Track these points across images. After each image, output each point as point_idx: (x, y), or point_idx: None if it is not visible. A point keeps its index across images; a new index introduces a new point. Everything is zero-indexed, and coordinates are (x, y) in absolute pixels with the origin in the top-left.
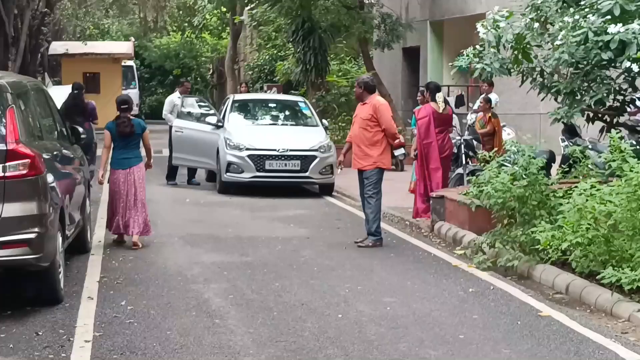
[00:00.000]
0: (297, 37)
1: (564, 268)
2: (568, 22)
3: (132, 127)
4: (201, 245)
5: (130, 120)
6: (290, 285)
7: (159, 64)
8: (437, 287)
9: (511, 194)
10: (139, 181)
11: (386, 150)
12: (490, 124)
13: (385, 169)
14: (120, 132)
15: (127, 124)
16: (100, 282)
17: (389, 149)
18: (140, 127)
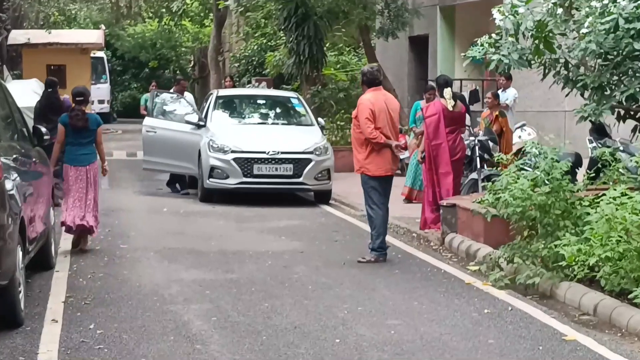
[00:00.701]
0: (290, 25)
1: (592, 286)
2: (596, 7)
3: (85, 121)
4: (180, 261)
5: (85, 113)
6: (282, 306)
7: (133, 55)
8: (447, 308)
9: (532, 202)
10: (93, 179)
11: (374, 153)
12: (497, 123)
13: (375, 177)
14: (73, 126)
15: (80, 117)
16: (66, 302)
17: (380, 153)
18: (96, 122)
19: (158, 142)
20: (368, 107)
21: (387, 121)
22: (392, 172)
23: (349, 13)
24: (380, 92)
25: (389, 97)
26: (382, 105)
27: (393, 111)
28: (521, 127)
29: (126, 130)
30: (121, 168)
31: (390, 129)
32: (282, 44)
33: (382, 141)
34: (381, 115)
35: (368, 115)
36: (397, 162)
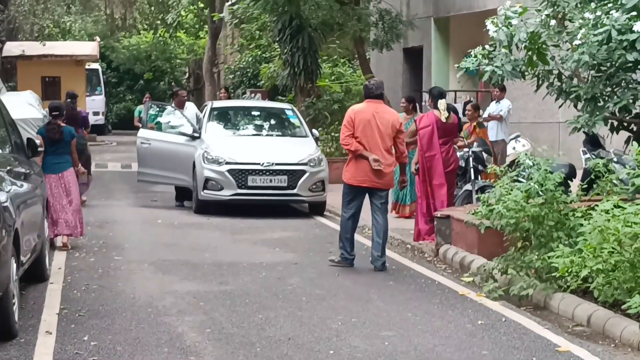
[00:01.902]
0: (284, 37)
1: (585, 297)
2: (589, 19)
3: (61, 133)
4: (175, 273)
5: (60, 126)
6: (276, 318)
7: (128, 66)
8: (441, 319)
9: (525, 213)
10: (69, 185)
11: (352, 162)
12: (474, 134)
13: (348, 184)
14: (49, 137)
15: (56, 130)
16: (60, 314)
17: (357, 162)
18: (70, 134)
19: (152, 154)
20: (350, 115)
21: (373, 133)
22: (368, 184)
23: (344, 25)
24: (373, 104)
25: (383, 112)
26: (368, 117)
27: (383, 126)
28: (515, 139)
29: (121, 142)
30: (116, 180)
31: (376, 143)
32: (277, 55)
33: (353, 149)
34: (362, 126)
35: (346, 123)
36: (380, 176)
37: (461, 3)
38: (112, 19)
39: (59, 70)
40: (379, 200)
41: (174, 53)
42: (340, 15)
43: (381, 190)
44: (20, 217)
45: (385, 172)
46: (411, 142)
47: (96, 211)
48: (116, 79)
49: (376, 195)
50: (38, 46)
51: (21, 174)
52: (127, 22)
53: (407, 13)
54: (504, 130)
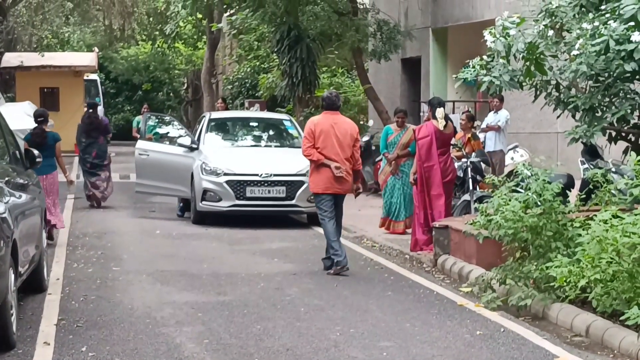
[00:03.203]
0: (283, 47)
1: (584, 307)
2: (586, 30)
3: (44, 137)
4: (173, 283)
5: (44, 131)
6: (274, 328)
7: (127, 77)
8: (440, 330)
9: (523, 223)
10: (51, 186)
11: (315, 171)
12: (469, 145)
13: (314, 192)
14: (34, 142)
15: (40, 135)
16: (58, 325)
17: (319, 171)
18: (53, 139)
19: (151, 165)
20: (310, 127)
21: (333, 143)
22: (332, 190)
23: (342, 35)
24: (331, 115)
25: (341, 122)
26: (327, 127)
27: (342, 135)
28: (513, 149)
29: (119, 153)
30: (114, 190)
31: (336, 152)
32: (275, 66)
33: (315, 159)
34: (323, 136)
35: (307, 135)
36: (341, 183)
37: (459, 13)
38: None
39: (58, 81)
40: (339, 206)
41: (173, 64)
42: (339, 26)
43: (343, 195)
44: (18, 227)
45: (346, 179)
46: (403, 154)
47: (94, 222)
48: (115, 90)
49: (336, 200)
50: (37, 57)
51: (19, 185)
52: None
53: (405, 24)
54: (502, 141)
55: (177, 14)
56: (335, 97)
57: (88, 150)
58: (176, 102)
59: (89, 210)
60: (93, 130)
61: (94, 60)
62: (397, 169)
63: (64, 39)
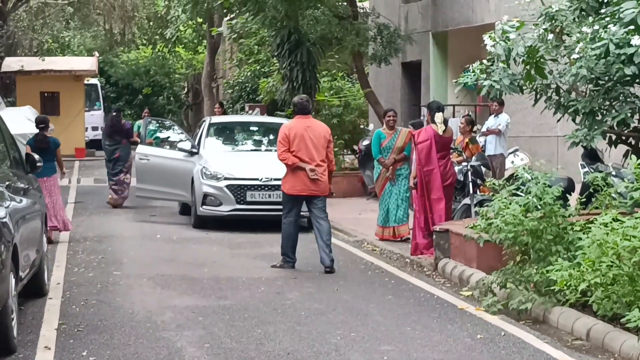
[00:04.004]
0: (283, 51)
1: (585, 311)
2: (586, 33)
3: (47, 143)
4: (173, 287)
5: (46, 137)
6: (275, 332)
7: (127, 81)
8: (440, 334)
9: (524, 227)
10: (52, 188)
11: (290, 174)
12: (467, 150)
13: (288, 194)
14: (37, 147)
15: (42, 140)
16: (59, 329)
17: (294, 174)
18: (54, 144)
19: (151, 170)
20: (284, 131)
21: (307, 147)
22: (307, 192)
23: (342, 39)
24: (304, 119)
25: (314, 126)
26: (301, 131)
27: (315, 138)
28: (514, 153)
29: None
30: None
31: (311, 154)
32: (276, 70)
33: (291, 163)
34: (297, 140)
35: (282, 139)
36: (317, 184)
37: (459, 17)
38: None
39: (58, 86)
40: (318, 206)
41: (173, 68)
42: (339, 30)
43: (318, 197)
44: (19, 232)
45: (321, 180)
46: (400, 158)
47: (95, 226)
48: (115, 94)
49: (313, 202)
50: (37, 61)
51: (20, 189)
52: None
53: (406, 28)
54: (502, 144)
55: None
56: (307, 102)
57: (112, 153)
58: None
59: (89, 215)
60: (115, 133)
61: (94, 65)
62: (394, 174)
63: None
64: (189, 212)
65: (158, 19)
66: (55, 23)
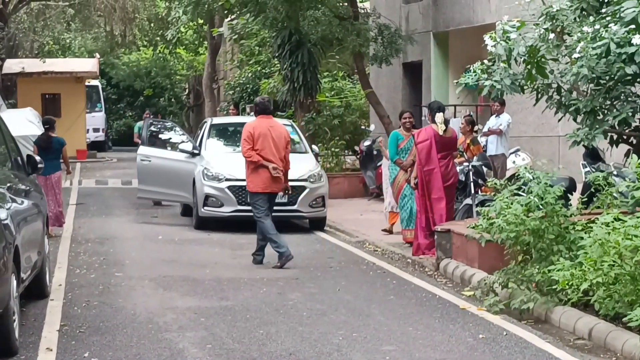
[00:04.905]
0: (284, 52)
1: (587, 310)
2: (587, 33)
3: (50, 142)
4: (175, 289)
5: (50, 137)
6: (277, 333)
7: (128, 83)
8: (442, 333)
9: (525, 227)
10: (55, 185)
11: (253, 172)
12: (468, 151)
13: (251, 192)
14: (40, 146)
15: (46, 140)
16: (61, 331)
17: (257, 172)
18: (59, 143)
19: (152, 171)
20: (248, 130)
21: (270, 146)
22: (271, 190)
23: (343, 40)
24: (266, 119)
25: (276, 126)
26: (264, 131)
27: (277, 138)
28: (515, 153)
29: (121, 159)
30: (116, 196)
31: (273, 153)
32: (277, 71)
33: (256, 160)
34: (261, 139)
35: (246, 137)
36: (278, 182)
37: (460, 18)
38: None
39: (59, 87)
40: (272, 204)
41: (174, 69)
42: (340, 31)
43: (275, 194)
44: (20, 234)
45: (280, 179)
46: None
47: (97, 227)
48: (116, 96)
49: (273, 199)
50: (38, 63)
51: (21, 191)
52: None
53: (406, 28)
54: (503, 144)
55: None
56: (268, 102)
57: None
58: (177, 108)
59: (91, 216)
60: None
61: (95, 66)
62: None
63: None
64: (190, 214)
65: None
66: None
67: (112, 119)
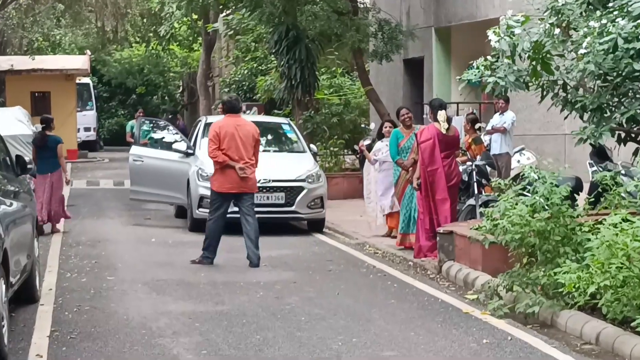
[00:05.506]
0: (281, 48)
1: (594, 314)
2: (594, 28)
3: (45, 141)
4: (169, 293)
5: (45, 136)
6: (274, 338)
7: (120, 81)
8: (445, 339)
9: (530, 228)
10: (54, 183)
11: (219, 172)
12: (470, 150)
13: (217, 192)
14: (36, 145)
15: (40, 139)
16: (51, 337)
17: (223, 172)
18: (54, 141)
19: (145, 171)
20: (214, 129)
21: (237, 145)
22: (236, 190)
23: (342, 36)
24: (234, 118)
25: (243, 125)
26: (231, 130)
27: (245, 137)
28: (520, 151)
29: (113, 159)
30: (108, 197)
31: (240, 152)
32: (273, 68)
33: (221, 160)
34: (227, 139)
35: (212, 137)
36: (247, 182)
37: (462, 12)
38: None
39: (49, 85)
40: (246, 204)
41: (167, 66)
42: (339, 26)
43: (247, 194)
44: (9, 236)
45: (250, 178)
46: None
47: (88, 230)
48: (108, 94)
49: (242, 199)
50: (27, 60)
51: (10, 192)
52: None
53: (407, 23)
54: (508, 143)
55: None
56: (236, 101)
57: None
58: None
59: (82, 218)
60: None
61: (86, 64)
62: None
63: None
64: (184, 215)
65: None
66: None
67: (104, 118)
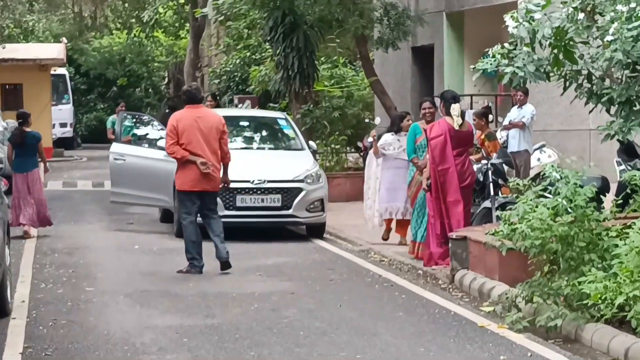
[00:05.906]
0: (277, 35)
1: (622, 328)
2: (622, 12)
3: (23, 137)
4: (154, 305)
5: (23, 132)
6: (270, 355)
7: (99, 71)
8: (458, 355)
9: (552, 233)
10: (33, 183)
11: (181, 169)
12: (483, 147)
13: (179, 190)
14: (15, 142)
15: (19, 135)
16: (24, 354)
17: (185, 168)
18: (34, 138)
19: (127, 171)
20: (172, 123)
21: (198, 138)
22: (199, 188)
23: (344, 21)
24: (194, 109)
25: (205, 116)
26: (190, 122)
27: (206, 129)
28: (540, 149)
29: (92, 157)
30: (86, 200)
31: (202, 146)
32: (268, 57)
33: (179, 156)
34: (187, 132)
35: (169, 132)
36: (209, 179)
37: None
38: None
39: (21, 77)
40: (210, 205)
41: (151, 55)
42: (340, 11)
43: (209, 193)
44: None
45: (213, 175)
46: None
47: (65, 236)
48: (86, 86)
49: (205, 200)
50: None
51: None
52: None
53: (416, 7)
54: (526, 140)
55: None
56: (196, 90)
57: None
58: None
59: (58, 223)
60: None
61: (62, 53)
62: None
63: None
64: (170, 220)
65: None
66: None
67: (82, 112)
